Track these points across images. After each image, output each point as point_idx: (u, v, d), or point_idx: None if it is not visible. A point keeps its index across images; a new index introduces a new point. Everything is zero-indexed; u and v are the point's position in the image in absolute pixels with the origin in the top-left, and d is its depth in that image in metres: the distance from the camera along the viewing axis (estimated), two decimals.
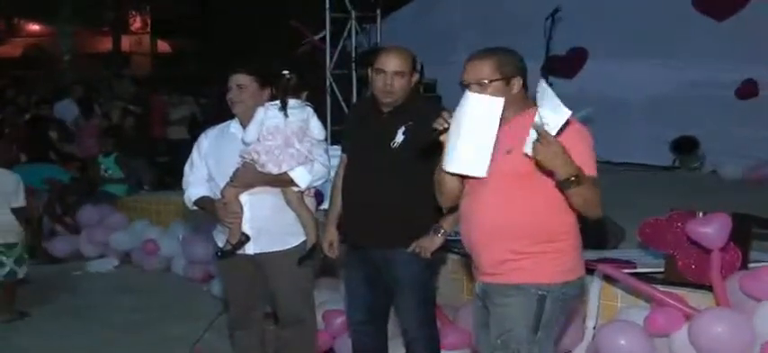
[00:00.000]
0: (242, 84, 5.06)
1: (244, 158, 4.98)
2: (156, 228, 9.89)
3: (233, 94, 5.07)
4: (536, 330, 3.76)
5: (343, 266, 5.37)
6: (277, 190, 5.06)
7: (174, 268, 9.39)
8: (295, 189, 5.05)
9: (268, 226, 5.09)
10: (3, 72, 23.08)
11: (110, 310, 8.09)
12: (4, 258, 7.81)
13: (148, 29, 36.08)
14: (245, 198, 5.01)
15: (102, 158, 11.34)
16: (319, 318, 6.13)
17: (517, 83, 3.79)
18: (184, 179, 5.30)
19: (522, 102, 3.81)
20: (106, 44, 34.10)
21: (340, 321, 6.08)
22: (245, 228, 5.05)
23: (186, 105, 15.01)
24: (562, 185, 3.55)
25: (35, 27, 35.96)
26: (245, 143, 4.99)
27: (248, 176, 4.97)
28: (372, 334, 5.12)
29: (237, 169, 4.99)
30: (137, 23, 35.58)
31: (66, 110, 14.40)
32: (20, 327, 7.60)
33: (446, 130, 3.74)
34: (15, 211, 7.82)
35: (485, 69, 3.76)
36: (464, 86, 3.77)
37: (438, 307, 5.43)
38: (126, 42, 35.30)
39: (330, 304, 6.39)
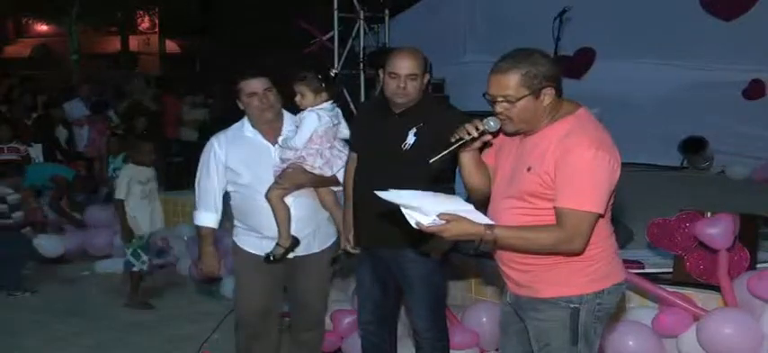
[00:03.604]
0: (268, 87, 5.03)
1: (286, 159, 4.99)
2: (162, 228, 9.83)
3: (264, 100, 5.00)
4: (575, 343, 3.62)
5: (354, 266, 5.36)
6: (312, 192, 5.08)
7: (180, 269, 9.37)
8: (335, 189, 5.10)
9: (307, 227, 5.11)
10: (11, 71, 23.13)
11: (117, 310, 8.10)
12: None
13: (157, 29, 36.14)
14: (288, 200, 5.01)
15: (111, 159, 11.38)
16: (328, 318, 6.15)
17: (548, 94, 3.50)
18: (201, 196, 5.21)
19: (555, 110, 3.56)
20: (114, 44, 34.18)
21: (349, 321, 6.08)
22: (292, 230, 5.05)
23: (202, 109, 15.07)
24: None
25: (43, 27, 36.07)
26: (290, 148, 4.97)
27: (298, 177, 4.98)
28: (381, 334, 5.13)
29: (285, 171, 4.99)
30: (145, 23, 35.63)
31: (75, 109, 14.44)
32: (27, 327, 7.61)
33: (470, 140, 3.60)
34: (114, 202, 8.24)
35: (510, 85, 3.48)
36: (490, 102, 3.57)
37: (446, 307, 5.43)
38: (134, 42, 35.38)
39: (339, 305, 6.39)
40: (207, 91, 16.70)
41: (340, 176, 5.08)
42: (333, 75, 5.05)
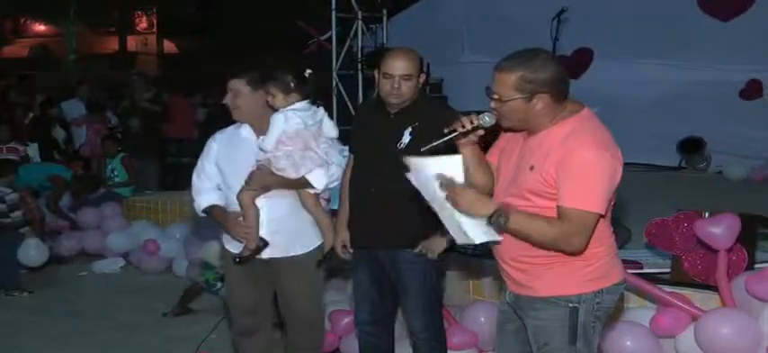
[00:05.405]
0: (234, 88, 5.00)
1: (259, 161, 4.95)
2: (156, 228, 9.86)
3: (228, 99, 5.02)
4: (574, 342, 3.62)
5: (351, 266, 5.35)
6: (293, 193, 5.03)
7: (175, 269, 9.34)
8: (311, 191, 5.04)
9: (284, 229, 5.05)
10: (9, 72, 23.17)
11: (116, 310, 8.10)
12: None
13: (154, 29, 36.17)
14: (261, 201, 4.96)
15: (108, 159, 11.40)
16: (325, 318, 6.13)
17: (541, 100, 3.51)
18: (194, 187, 5.20)
19: (552, 114, 3.56)
20: (112, 44, 34.20)
21: (346, 321, 6.08)
22: (263, 231, 5.00)
23: (201, 109, 15.06)
24: (490, 225, 3.50)
25: (41, 27, 36.09)
26: (263, 150, 4.92)
27: (264, 178, 4.92)
28: (379, 335, 5.11)
29: (253, 173, 4.93)
30: (143, 24, 35.67)
31: (74, 109, 14.43)
32: (26, 328, 7.61)
33: (463, 133, 3.62)
34: None
35: (504, 84, 3.52)
36: (490, 97, 3.60)
37: (444, 307, 5.42)
38: (132, 42, 35.41)
39: (336, 305, 6.39)
40: (204, 91, 16.68)
41: (314, 180, 4.98)
42: (306, 75, 4.92)
